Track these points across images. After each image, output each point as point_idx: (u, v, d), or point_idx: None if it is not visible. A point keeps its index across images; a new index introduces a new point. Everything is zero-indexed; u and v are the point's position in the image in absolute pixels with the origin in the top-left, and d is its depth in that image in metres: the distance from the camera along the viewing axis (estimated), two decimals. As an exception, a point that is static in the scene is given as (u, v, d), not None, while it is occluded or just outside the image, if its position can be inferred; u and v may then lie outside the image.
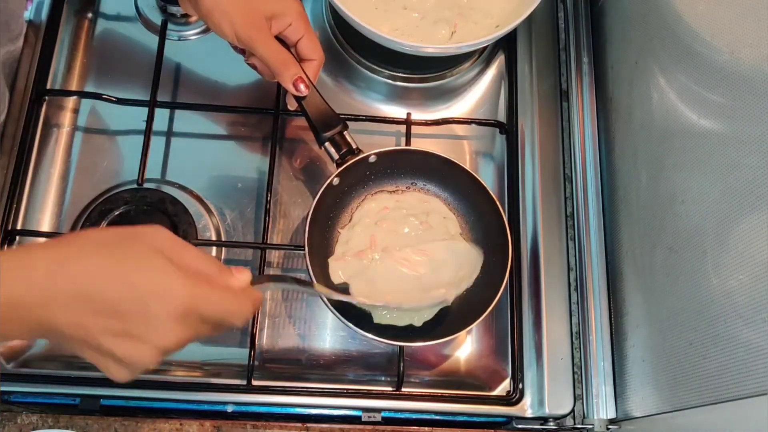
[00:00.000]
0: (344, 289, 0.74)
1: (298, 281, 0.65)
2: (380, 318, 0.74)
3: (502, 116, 0.89)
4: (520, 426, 0.77)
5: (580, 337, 0.79)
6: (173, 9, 0.87)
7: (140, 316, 0.47)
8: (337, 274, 0.75)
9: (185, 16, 0.88)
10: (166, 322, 0.48)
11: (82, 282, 0.47)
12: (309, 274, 0.71)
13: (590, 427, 0.76)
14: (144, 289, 0.48)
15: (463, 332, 0.77)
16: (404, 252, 0.75)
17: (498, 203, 0.76)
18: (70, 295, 0.47)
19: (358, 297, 0.73)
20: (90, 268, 0.48)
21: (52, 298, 0.46)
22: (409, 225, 0.78)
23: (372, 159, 0.76)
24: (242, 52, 0.76)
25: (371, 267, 0.75)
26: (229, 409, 0.75)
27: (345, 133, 0.75)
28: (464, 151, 0.88)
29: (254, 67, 0.75)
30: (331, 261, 0.76)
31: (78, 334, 0.48)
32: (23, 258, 0.48)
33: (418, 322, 0.74)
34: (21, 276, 0.46)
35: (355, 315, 0.73)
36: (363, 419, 0.75)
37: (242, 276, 0.55)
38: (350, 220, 0.79)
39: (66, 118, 0.84)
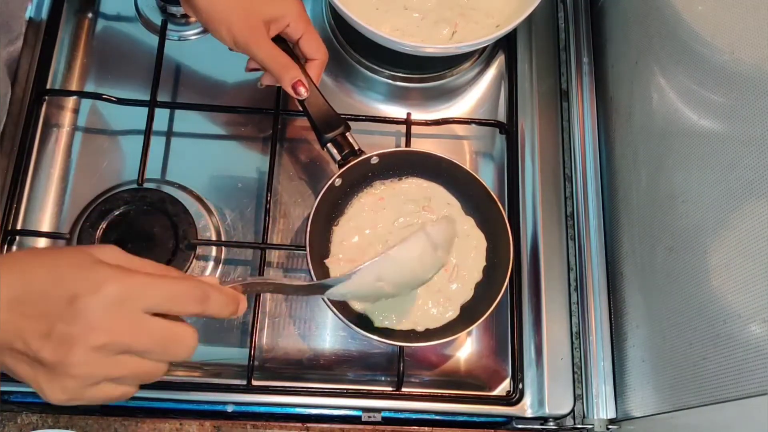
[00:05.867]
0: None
1: (271, 284, 0.61)
2: (380, 322, 0.73)
3: (502, 116, 0.89)
4: (520, 426, 0.77)
5: (580, 337, 0.79)
6: (173, 9, 0.87)
7: (68, 309, 0.44)
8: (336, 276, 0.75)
9: (185, 16, 0.88)
10: (97, 313, 0.44)
11: (15, 281, 0.45)
12: (310, 274, 0.71)
13: (590, 427, 0.76)
14: (71, 280, 0.45)
15: (464, 333, 0.77)
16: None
17: (499, 204, 0.76)
18: (5, 296, 0.45)
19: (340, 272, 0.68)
20: (24, 266, 0.46)
21: None
22: (407, 213, 0.77)
23: (374, 160, 0.76)
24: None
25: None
26: (229, 409, 0.75)
27: (347, 134, 0.75)
28: (464, 151, 0.88)
29: (255, 71, 0.75)
30: (327, 263, 0.75)
31: (8, 337, 0.44)
32: None
33: (420, 327, 0.74)
34: None
35: (355, 315, 0.73)
36: (363, 419, 0.75)
37: (209, 278, 0.52)
38: (344, 215, 0.78)
39: (66, 118, 0.84)
